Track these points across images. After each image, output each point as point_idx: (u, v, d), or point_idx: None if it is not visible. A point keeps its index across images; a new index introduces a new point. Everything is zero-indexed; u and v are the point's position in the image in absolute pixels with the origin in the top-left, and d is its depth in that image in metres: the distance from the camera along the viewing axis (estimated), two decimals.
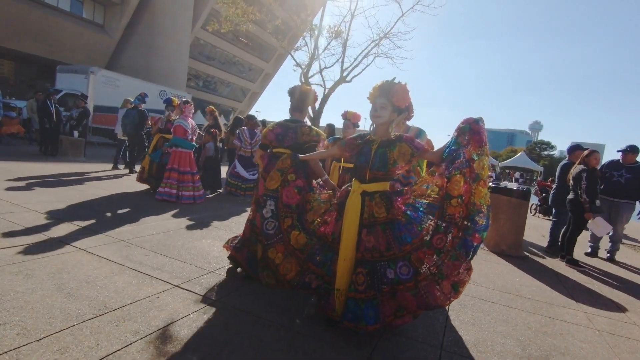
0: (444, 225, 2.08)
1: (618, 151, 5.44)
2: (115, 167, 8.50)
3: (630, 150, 5.30)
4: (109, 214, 4.35)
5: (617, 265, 5.14)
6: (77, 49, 22.87)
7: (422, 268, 2.09)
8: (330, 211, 2.40)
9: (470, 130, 2.07)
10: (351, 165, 4.40)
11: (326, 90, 7.39)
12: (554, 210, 5.70)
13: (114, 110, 15.54)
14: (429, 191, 2.14)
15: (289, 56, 8.64)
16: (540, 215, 10.47)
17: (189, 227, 4.23)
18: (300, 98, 2.94)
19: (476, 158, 2.04)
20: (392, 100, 2.19)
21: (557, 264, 4.72)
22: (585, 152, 4.77)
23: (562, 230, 5.11)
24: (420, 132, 3.51)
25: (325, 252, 2.35)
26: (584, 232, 4.86)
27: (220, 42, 33.99)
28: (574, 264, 4.67)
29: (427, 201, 2.14)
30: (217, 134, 6.66)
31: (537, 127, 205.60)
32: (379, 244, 2.13)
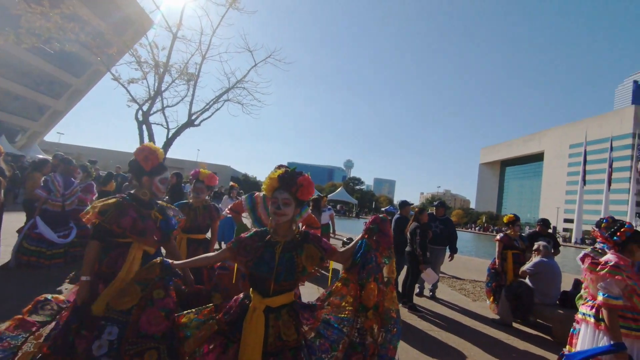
0: (358, 341, 1.85)
1: (432, 205, 6.69)
2: None
3: (440, 205, 6.59)
4: None
5: (439, 302, 6.15)
6: None
7: None
8: (215, 335, 1.82)
9: (380, 231, 1.96)
10: (201, 236, 3.76)
11: (170, 133, 6.44)
12: None
13: None
14: (343, 303, 1.88)
15: (109, 74, 7.23)
16: None
17: None
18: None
19: (387, 262, 1.94)
20: (296, 195, 1.89)
21: (402, 311, 5.24)
22: (417, 210, 5.62)
23: (404, 279, 5.79)
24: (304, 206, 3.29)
25: None
26: None
27: (8, 44, 26.43)
28: (415, 309, 5.31)
29: (342, 315, 1.87)
30: (1, 182, 4.66)
31: (349, 164, 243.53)
32: None
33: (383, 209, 7.39)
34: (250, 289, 1.85)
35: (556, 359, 3.58)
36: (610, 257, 2.51)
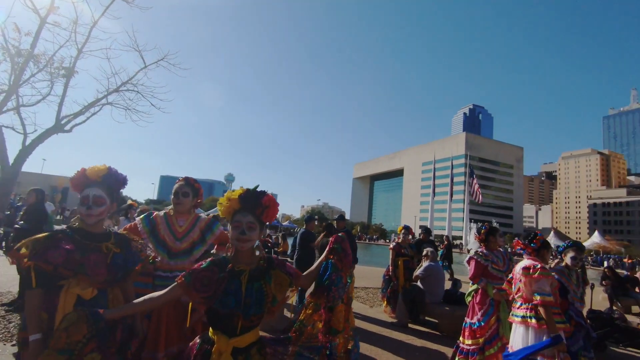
0: None
1: (333, 220, 7.00)
2: None
3: (340, 218, 6.94)
4: None
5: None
6: None
7: None
8: None
9: (343, 250, 1.93)
10: None
11: (28, 139, 5.09)
12: None
13: None
14: (314, 330, 1.76)
15: None
16: None
17: None
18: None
19: (350, 281, 1.92)
20: (261, 218, 1.71)
21: None
22: (327, 224, 5.79)
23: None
24: (214, 222, 3.01)
25: None
26: None
27: None
28: None
29: (313, 344, 1.74)
30: None
31: (230, 178, 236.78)
32: None
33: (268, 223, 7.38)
34: (210, 330, 1.56)
35: (452, 352, 4.09)
36: (531, 262, 2.97)
